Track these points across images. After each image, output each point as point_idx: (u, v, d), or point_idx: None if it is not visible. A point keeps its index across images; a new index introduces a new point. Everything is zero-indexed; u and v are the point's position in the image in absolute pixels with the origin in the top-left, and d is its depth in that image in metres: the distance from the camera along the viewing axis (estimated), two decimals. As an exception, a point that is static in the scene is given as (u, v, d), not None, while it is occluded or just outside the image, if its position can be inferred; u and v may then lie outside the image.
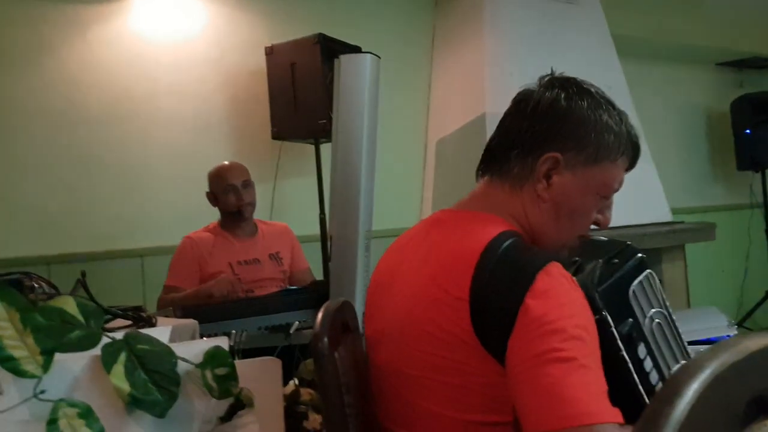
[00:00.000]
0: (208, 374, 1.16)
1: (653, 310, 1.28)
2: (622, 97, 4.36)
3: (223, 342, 1.20)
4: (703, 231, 4.17)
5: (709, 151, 5.60)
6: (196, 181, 3.31)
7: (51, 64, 3.41)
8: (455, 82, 4.21)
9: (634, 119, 4.62)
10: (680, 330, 1.35)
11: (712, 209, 5.38)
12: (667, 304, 1.33)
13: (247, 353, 2.20)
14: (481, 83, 4.03)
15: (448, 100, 4.25)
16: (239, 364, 1.22)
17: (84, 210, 3.43)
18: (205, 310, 2.08)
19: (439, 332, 1.05)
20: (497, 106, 3.93)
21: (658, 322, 1.28)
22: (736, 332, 2.67)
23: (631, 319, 1.24)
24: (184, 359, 1.15)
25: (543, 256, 1.05)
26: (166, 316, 2.04)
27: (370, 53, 2.13)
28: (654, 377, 1.23)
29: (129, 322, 1.79)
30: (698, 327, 2.73)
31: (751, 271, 5.52)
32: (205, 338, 2.05)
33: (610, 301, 1.20)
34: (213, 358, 1.17)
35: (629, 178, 4.64)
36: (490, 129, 4.26)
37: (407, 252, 1.20)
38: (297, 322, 2.18)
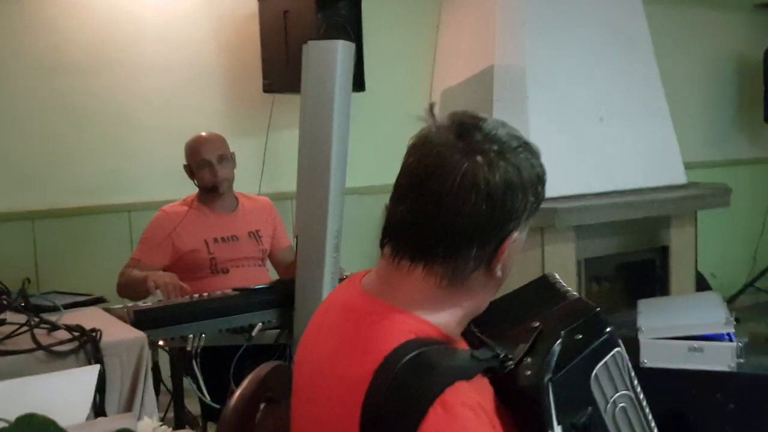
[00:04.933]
0: (111, 461, 1.06)
1: (618, 393, 1.14)
2: (642, 46, 4.07)
3: (131, 422, 1.10)
4: (716, 197, 3.97)
5: (736, 102, 5.28)
6: (184, 133, 3.15)
7: (30, 6, 3.22)
8: (464, 29, 3.95)
9: (654, 67, 4.27)
10: (648, 411, 1.21)
11: (733, 163, 5.13)
12: (635, 383, 1.19)
13: (208, 351, 2.12)
14: (491, 32, 3.77)
15: (456, 47, 4.00)
16: (152, 440, 1.12)
17: (68, 162, 3.32)
18: (162, 314, 1.98)
19: None
20: (507, 58, 3.73)
21: (623, 406, 1.15)
22: (733, 330, 2.53)
23: (590, 407, 1.10)
24: (81, 448, 1.05)
25: (441, 381, 0.89)
26: (120, 317, 1.95)
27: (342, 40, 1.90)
28: (610, 469, 1.11)
29: (76, 335, 1.71)
30: (695, 322, 2.59)
31: (768, 228, 5.32)
32: (161, 342, 1.97)
33: (568, 388, 1.06)
34: (116, 442, 1.07)
35: (644, 136, 4.38)
36: (498, 83, 3.98)
37: (322, 340, 1.06)
38: (260, 324, 2.08)
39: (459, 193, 0.94)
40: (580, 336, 1.11)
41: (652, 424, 1.21)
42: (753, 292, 5.09)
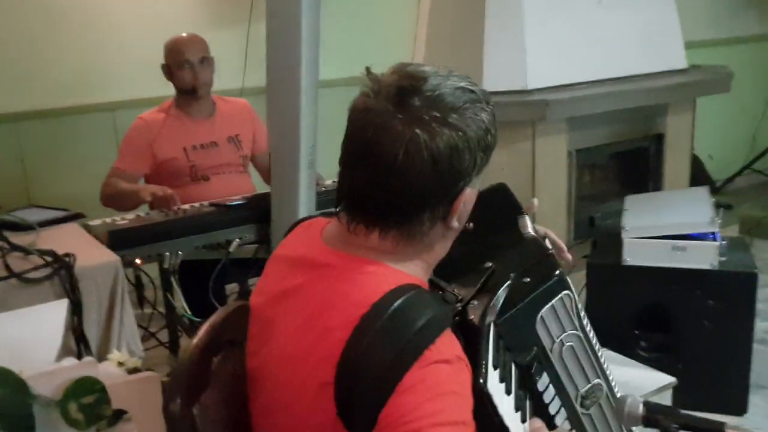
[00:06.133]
0: (72, 407, 1.10)
1: (565, 333, 1.16)
2: None
3: (92, 368, 1.12)
4: (716, 83, 3.84)
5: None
6: (163, 27, 3.05)
7: None
8: None
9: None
10: (595, 342, 1.24)
11: (738, 41, 4.94)
12: (584, 323, 1.21)
13: (192, 265, 2.15)
14: None
15: None
16: (115, 385, 1.15)
17: (47, 62, 3.23)
18: (137, 233, 1.98)
19: (298, 428, 0.96)
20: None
21: (570, 345, 1.18)
22: (717, 229, 2.53)
23: (535, 347, 1.13)
24: (42, 397, 1.08)
25: (427, 331, 0.91)
26: (96, 236, 1.95)
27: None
28: (555, 406, 1.15)
29: (49, 260, 1.72)
30: (680, 221, 2.59)
31: (771, 108, 5.20)
32: (138, 260, 1.99)
33: (513, 330, 1.09)
34: (77, 389, 1.10)
35: (644, 19, 4.16)
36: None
37: (286, 297, 1.06)
38: (237, 240, 2.09)
39: (404, 165, 0.94)
40: (529, 279, 1.13)
41: (602, 359, 1.24)
42: (750, 173, 5.07)
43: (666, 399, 2.14)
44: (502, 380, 1.02)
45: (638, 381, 2.07)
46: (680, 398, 2.21)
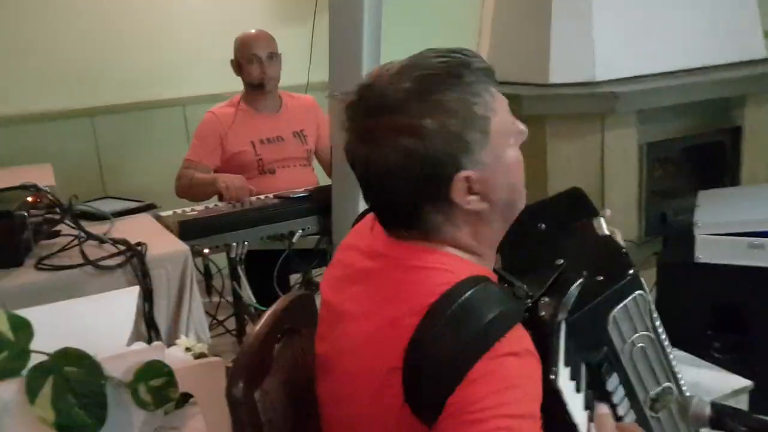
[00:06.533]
0: (142, 389, 1.14)
1: (637, 334, 1.13)
2: None
3: (159, 353, 1.16)
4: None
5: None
6: (231, 23, 3.12)
7: None
8: None
9: None
10: (669, 350, 1.20)
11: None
12: (656, 324, 1.17)
13: (257, 256, 2.19)
14: None
15: None
16: (182, 370, 1.19)
17: (122, 59, 3.36)
18: (206, 223, 2.04)
19: (367, 413, 0.97)
20: None
21: (642, 346, 1.14)
22: (796, 226, 2.41)
23: (606, 347, 1.10)
24: (114, 378, 1.12)
25: (497, 323, 0.91)
26: (167, 226, 2.02)
27: None
28: (624, 407, 1.12)
29: (122, 249, 1.79)
30: (756, 218, 2.48)
31: None
32: (206, 250, 2.04)
33: (583, 329, 1.06)
34: (146, 372, 1.14)
35: (720, 8, 3.89)
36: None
37: (354, 284, 1.07)
38: (300, 231, 2.13)
39: (375, 179, 0.99)
40: (602, 277, 1.10)
41: (673, 362, 1.20)
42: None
43: (742, 403, 2.05)
44: (572, 378, 1.00)
45: (711, 383, 2.00)
46: (757, 402, 2.12)
